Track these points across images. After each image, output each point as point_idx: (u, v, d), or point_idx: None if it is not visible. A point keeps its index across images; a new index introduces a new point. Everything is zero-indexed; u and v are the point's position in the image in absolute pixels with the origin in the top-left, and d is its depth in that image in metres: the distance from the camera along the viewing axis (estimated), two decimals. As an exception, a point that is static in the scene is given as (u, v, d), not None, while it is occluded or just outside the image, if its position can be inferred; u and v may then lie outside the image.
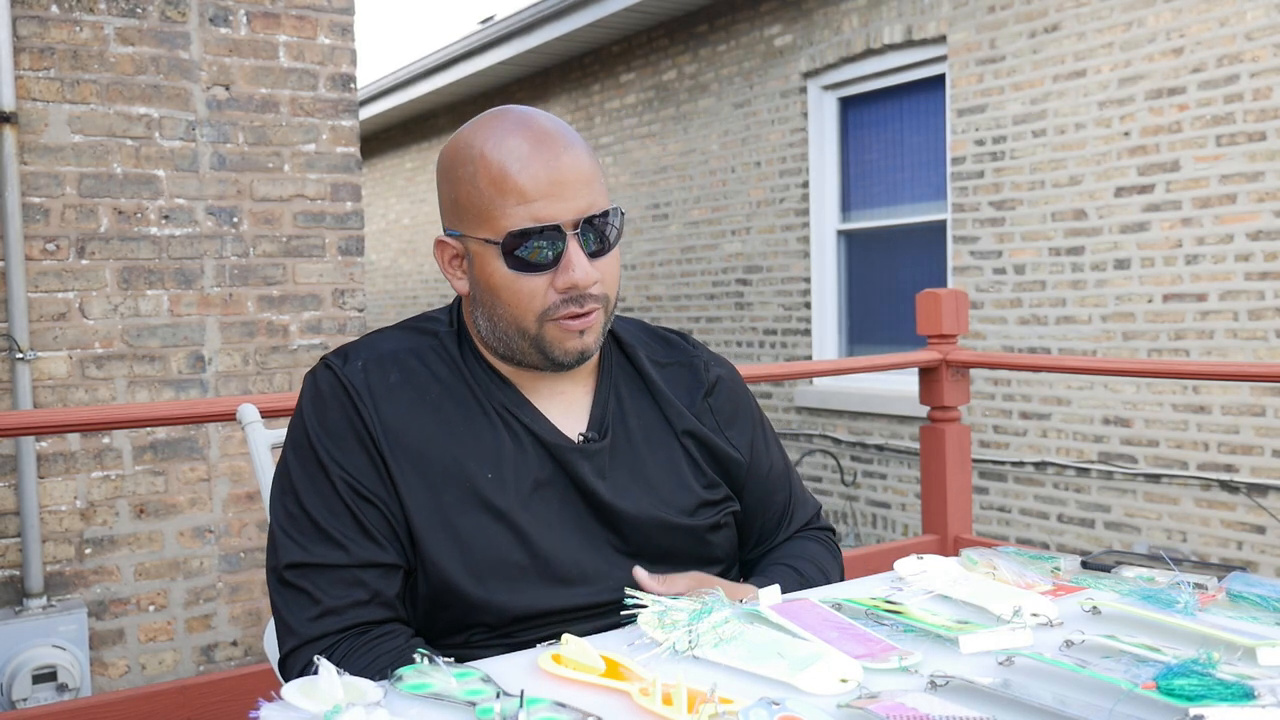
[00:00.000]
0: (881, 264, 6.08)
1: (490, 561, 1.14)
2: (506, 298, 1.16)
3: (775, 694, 0.87)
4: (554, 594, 1.15)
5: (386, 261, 11.41)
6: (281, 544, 1.14)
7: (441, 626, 1.16)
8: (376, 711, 0.81)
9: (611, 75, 7.81)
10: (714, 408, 1.33)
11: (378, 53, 32.52)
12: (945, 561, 1.24)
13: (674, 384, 1.32)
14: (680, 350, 1.36)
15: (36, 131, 3.46)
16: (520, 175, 1.12)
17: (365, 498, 1.13)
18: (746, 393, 1.40)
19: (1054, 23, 4.91)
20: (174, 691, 2.01)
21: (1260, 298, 4.26)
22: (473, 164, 1.14)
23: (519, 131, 1.14)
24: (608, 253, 1.17)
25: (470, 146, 1.15)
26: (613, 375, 1.29)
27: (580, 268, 1.13)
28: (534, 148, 1.13)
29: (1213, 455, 4.44)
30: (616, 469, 1.22)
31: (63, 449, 3.52)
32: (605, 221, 1.16)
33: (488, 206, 1.13)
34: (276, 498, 1.18)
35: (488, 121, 1.17)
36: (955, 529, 3.12)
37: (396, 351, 1.21)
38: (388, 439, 1.15)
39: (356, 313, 4.02)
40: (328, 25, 3.95)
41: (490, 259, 1.15)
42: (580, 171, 1.14)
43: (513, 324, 1.17)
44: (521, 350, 1.19)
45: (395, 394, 1.17)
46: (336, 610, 1.10)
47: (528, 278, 1.14)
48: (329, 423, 1.16)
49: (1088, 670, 0.91)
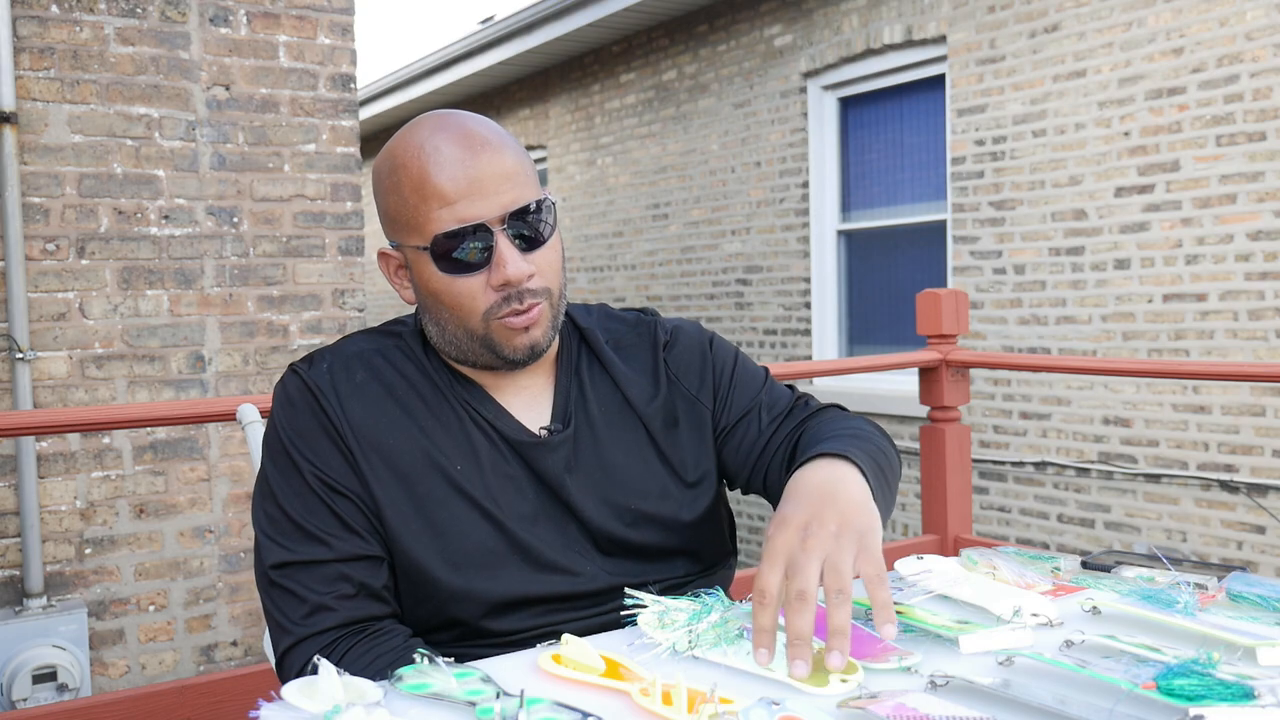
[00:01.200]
0: (881, 264, 6.08)
1: (467, 550, 1.14)
2: (447, 301, 1.16)
3: (775, 694, 0.87)
4: (533, 580, 1.16)
5: (386, 261, 11.40)
6: (265, 547, 1.15)
7: (421, 619, 1.16)
8: (376, 711, 0.81)
9: (611, 75, 7.81)
10: (670, 361, 1.31)
11: (378, 53, 32.52)
12: (945, 561, 1.24)
13: (635, 361, 1.31)
14: (641, 325, 1.35)
15: (36, 131, 3.46)
16: (439, 177, 1.12)
17: (339, 492, 1.14)
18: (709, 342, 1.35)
19: (1054, 23, 4.91)
20: (174, 691, 2.01)
21: (1260, 298, 4.26)
22: (395, 173, 1.15)
23: (436, 135, 1.14)
24: (542, 245, 1.16)
25: (393, 156, 1.16)
26: (573, 363, 1.28)
27: (512, 263, 1.13)
28: (451, 149, 1.13)
29: (1213, 455, 4.44)
30: (581, 460, 1.22)
31: (63, 449, 3.52)
32: (534, 215, 1.15)
33: (413, 213, 1.14)
34: (258, 504, 1.19)
35: (408, 130, 1.17)
36: (955, 529, 3.12)
37: (361, 352, 1.22)
38: (356, 435, 1.16)
39: (356, 313, 4.02)
40: (328, 25, 3.95)
41: (425, 265, 1.15)
42: (500, 167, 1.13)
43: (459, 327, 1.17)
44: (474, 352, 1.19)
45: (361, 391, 1.18)
46: (326, 606, 1.11)
47: (463, 279, 1.14)
48: (299, 424, 1.17)
49: (1088, 670, 0.91)
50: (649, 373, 1.30)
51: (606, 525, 1.20)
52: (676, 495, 1.25)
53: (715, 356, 1.34)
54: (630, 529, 1.21)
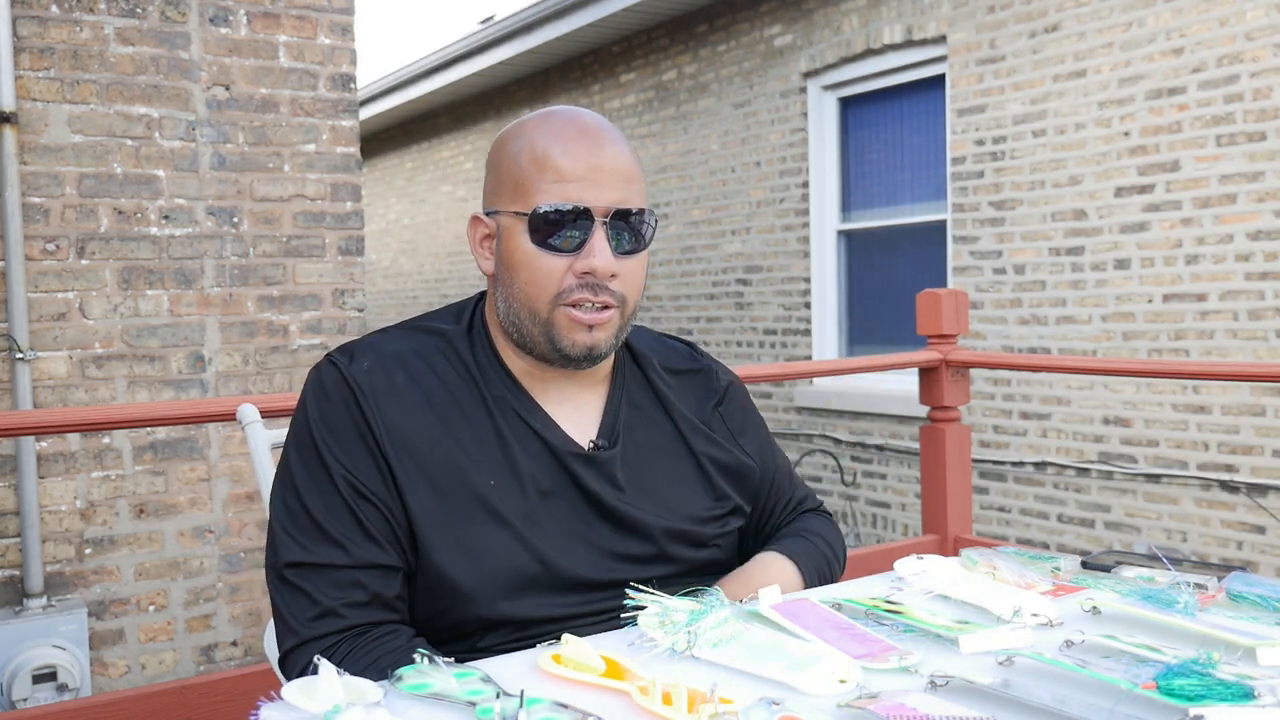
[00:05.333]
0: (881, 264, 6.08)
1: (495, 569, 1.13)
2: (525, 275, 1.17)
3: (775, 694, 0.87)
4: (559, 601, 1.15)
5: (386, 261, 11.41)
6: (282, 541, 1.14)
7: (444, 630, 1.15)
8: (376, 711, 0.81)
9: (611, 75, 7.81)
10: (725, 416, 1.35)
11: (378, 53, 32.52)
12: (945, 561, 1.24)
13: (686, 394, 1.33)
14: (693, 359, 1.39)
15: (36, 131, 3.46)
16: (562, 157, 1.16)
17: (366, 498, 1.13)
18: (751, 400, 1.44)
19: (1054, 23, 4.91)
20: (174, 691, 2.01)
21: (1260, 298, 4.26)
22: (520, 141, 1.19)
23: (570, 121, 1.19)
24: (636, 254, 1.19)
25: (523, 128, 1.21)
26: (625, 384, 1.29)
27: (602, 255, 1.15)
28: (580, 135, 1.17)
29: (1213, 455, 4.44)
30: (626, 477, 1.22)
31: (63, 449, 3.52)
32: (636, 219, 1.19)
33: (525, 181, 1.17)
34: (278, 493, 1.17)
35: (544, 111, 1.23)
36: (955, 529, 3.11)
37: (401, 353, 1.21)
38: (391, 440, 1.14)
39: (356, 313, 4.02)
40: (328, 25, 3.95)
41: (517, 233, 1.17)
42: (620, 166, 1.18)
43: (527, 305, 1.17)
44: (532, 337, 1.19)
45: (399, 395, 1.17)
46: (336, 611, 1.10)
47: (549, 257, 1.16)
48: (332, 420, 1.15)
49: (1088, 670, 0.91)
50: (701, 414, 1.33)
51: (643, 546, 1.20)
52: (712, 521, 1.28)
53: (755, 424, 1.41)
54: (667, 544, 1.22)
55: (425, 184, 10.58)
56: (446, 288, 10.15)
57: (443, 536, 1.13)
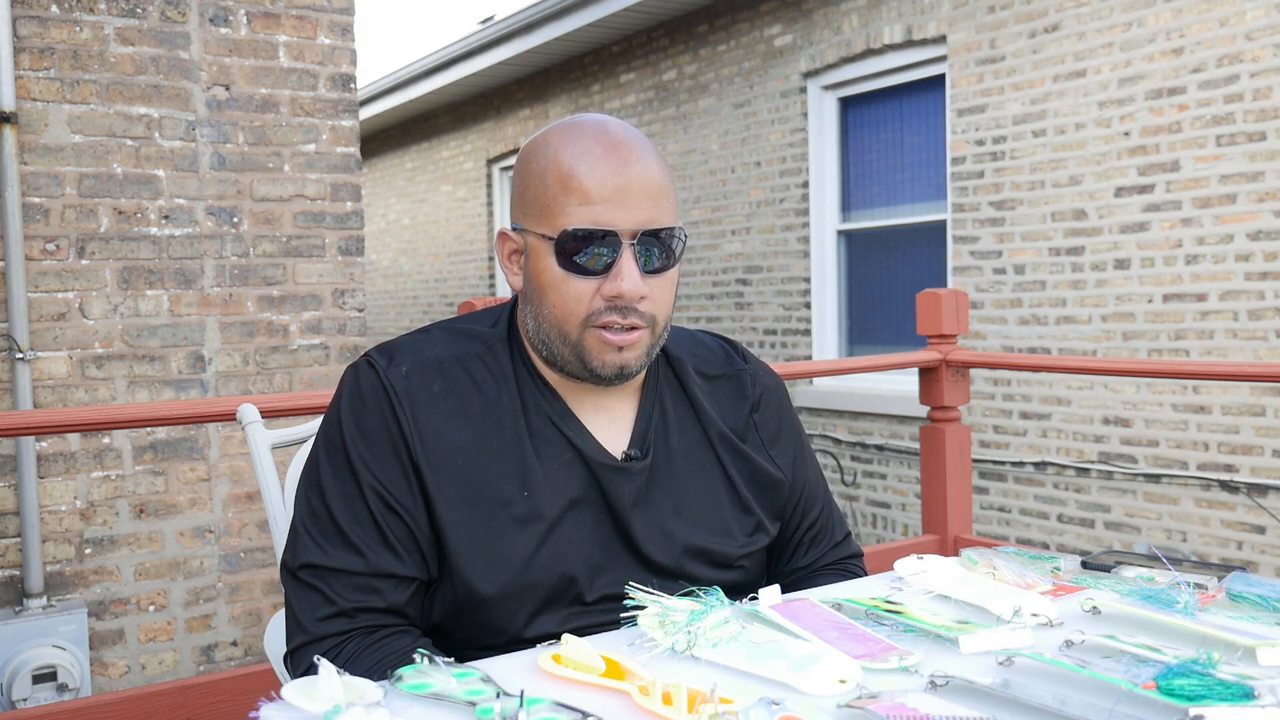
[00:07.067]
0: (881, 264, 6.08)
1: (519, 583, 1.13)
2: (553, 298, 1.15)
3: (775, 694, 0.87)
4: (580, 615, 1.15)
5: (386, 261, 11.41)
6: (302, 541, 1.14)
7: (463, 639, 1.16)
8: (376, 711, 0.81)
9: (611, 75, 7.81)
10: (759, 424, 1.32)
11: (378, 53, 32.52)
12: (945, 561, 1.24)
13: (719, 399, 1.31)
14: (729, 361, 1.35)
15: (36, 131, 3.46)
16: (587, 177, 1.12)
17: (392, 509, 1.12)
18: (789, 404, 1.39)
19: (1054, 23, 4.91)
20: (174, 691, 2.01)
21: (1260, 298, 4.26)
22: (545, 159, 1.15)
23: (596, 136, 1.15)
24: (664, 273, 1.16)
25: (547, 144, 1.16)
26: (658, 389, 1.27)
27: (630, 278, 1.12)
28: (606, 153, 1.13)
29: (1213, 455, 4.44)
30: (652, 492, 1.21)
31: (63, 449, 3.52)
32: (667, 238, 1.15)
33: (550, 203, 1.14)
34: (303, 491, 1.17)
35: (570, 124, 1.18)
36: (955, 529, 3.12)
37: (441, 359, 1.19)
38: (424, 449, 1.13)
39: (356, 313, 4.02)
40: (328, 25, 3.95)
41: (544, 255, 1.15)
42: (648, 184, 1.14)
43: (556, 327, 1.16)
44: (562, 357, 1.17)
45: (437, 403, 1.16)
46: (348, 613, 1.11)
47: (577, 280, 1.14)
48: (365, 425, 1.15)
49: (1088, 670, 0.91)
50: (735, 420, 1.30)
51: (663, 558, 1.20)
52: (739, 536, 1.25)
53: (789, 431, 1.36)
54: (683, 560, 1.21)
55: (425, 184, 10.58)
56: (446, 288, 10.15)
57: (471, 546, 1.13)
